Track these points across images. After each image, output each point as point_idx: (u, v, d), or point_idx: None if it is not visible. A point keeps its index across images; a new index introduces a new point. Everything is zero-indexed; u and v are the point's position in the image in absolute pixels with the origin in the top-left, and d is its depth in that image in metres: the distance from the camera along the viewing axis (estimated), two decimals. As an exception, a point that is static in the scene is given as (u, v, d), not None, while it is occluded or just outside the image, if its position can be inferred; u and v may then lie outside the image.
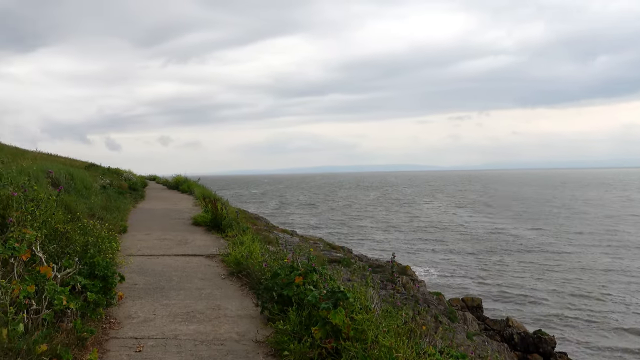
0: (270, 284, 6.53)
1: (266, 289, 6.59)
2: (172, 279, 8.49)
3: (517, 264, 33.57)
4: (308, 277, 6.22)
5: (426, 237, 46.70)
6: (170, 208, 19.40)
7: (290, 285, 6.23)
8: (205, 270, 9.36)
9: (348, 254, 30.02)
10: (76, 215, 9.53)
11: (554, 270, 31.48)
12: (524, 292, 26.93)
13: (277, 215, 64.67)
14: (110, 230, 8.73)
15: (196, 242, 12.07)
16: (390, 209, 76.11)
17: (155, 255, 10.54)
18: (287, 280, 6.34)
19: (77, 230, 7.28)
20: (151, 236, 12.67)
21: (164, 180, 41.49)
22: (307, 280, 6.19)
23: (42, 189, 8.37)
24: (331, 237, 42.73)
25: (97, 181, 21.41)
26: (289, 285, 6.26)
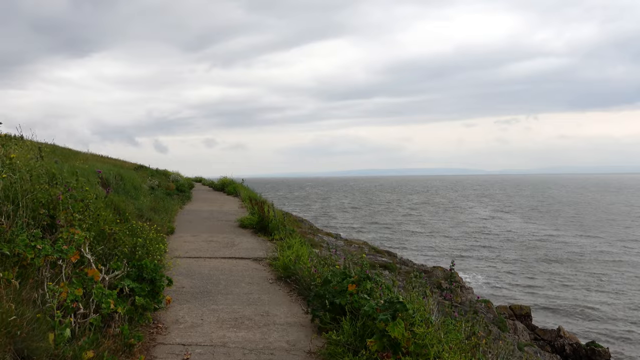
0: (321, 291, 6.24)
1: (317, 296, 6.31)
2: (219, 283, 8.32)
3: (567, 273, 32.27)
4: (362, 285, 5.91)
5: (472, 243, 45.57)
6: (217, 210, 19.41)
7: (342, 293, 5.92)
8: (252, 273, 9.16)
9: (393, 258, 29.52)
10: (125, 216, 9.51)
11: (608, 280, 30.08)
12: (574, 303, 25.79)
13: (320, 218, 64.51)
14: (158, 231, 8.65)
15: (243, 245, 11.92)
16: (434, 213, 74.84)
17: (202, 257, 10.42)
18: (339, 287, 6.04)
19: (125, 232, 7.19)
20: (198, 238, 12.60)
21: (209, 182, 41.92)
22: (361, 288, 5.87)
23: (92, 189, 8.35)
24: (375, 241, 42.20)
25: (145, 182, 21.68)
26: (341, 293, 5.96)
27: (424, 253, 40.26)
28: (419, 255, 38.37)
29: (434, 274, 27.14)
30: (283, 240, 11.63)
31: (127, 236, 7.07)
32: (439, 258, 37.42)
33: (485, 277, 32.26)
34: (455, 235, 50.65)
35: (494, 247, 43.10)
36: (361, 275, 6.02)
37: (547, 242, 44.37)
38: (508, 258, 38.31)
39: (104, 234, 6.71)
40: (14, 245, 4.56)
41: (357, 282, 5.92)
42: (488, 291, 29.00)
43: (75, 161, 16.35)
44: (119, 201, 11.13)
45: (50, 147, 18.92)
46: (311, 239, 17.25)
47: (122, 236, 7.01)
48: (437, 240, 47.85)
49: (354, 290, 5.82)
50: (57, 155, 16.25)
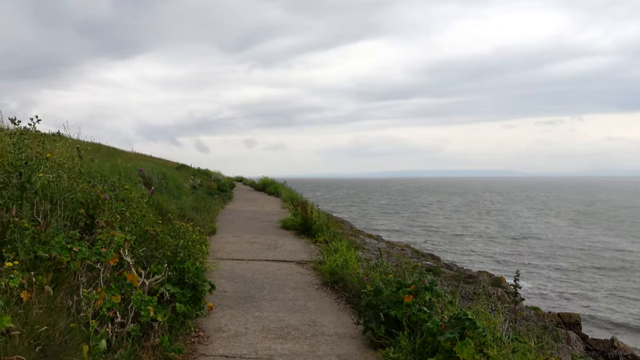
0: (374, 301, 5.75)
1: (369, 307, 5.82)
2: (263, 287, 7.93)
3: (619, 282, 30.73)
4: (419, 296, 5.39)
5: (517, 248, 44.14)
6: (258, 210, 19.12)
7: (398, 305, 5.42)
8: (297, 278, 8.74)
9: (437, 261, 28.73)
10: (167, 216, 9.25)
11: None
12: (627, 314, 24.46)
13: (360, 219, 63.88)
14: (200, 233, 8.33)
15: (286, 247, 11.52)
16: (476, 216, 73.14)
17: (244, 259, 10.07)
18: (394, 298, 5.54)
19: (167, 232, 6.87)
20: (240, 239, 12.28)
21: (250, 181, 41.90)
22: (419, 299, 5.36)
23: (134, 188, 8.09)
24: (416, 243, 41.37)
25: (187, 181, 21.62)
26: (396, 304, 5.45)
27: (467, 257, 39.17)
28: (462, 259, 37.35)
29: (480, 279, 26.25)
30: (327, 243, 11.19)
31: (169, 237, 6.76)
32: (483, 262, 36.36)
33: (531, 283, 31.05)
34: (499, 239, 49.21)
35: (540, 253, 41.64)
36: (419, 285, 5.50)
37: (598, 249, 42.56)
38: (555, 264, 36.89)
39: (145, 235, 6.39)
40: (49, 248, 4.25)
41: (415, 293, 5.41)
42: (535, 298, 27.92)
43: (119, 159, 16.32)
44: (162, 200, 10.91)
45: (95, 145, 19.00)
46: (353, 240, 16.77)
47: (164, 237, 6.69)
48: (480, 243, 46.59)
49: (410, 301, 5.31)
50: (102, 154, 16.27)
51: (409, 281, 5.79)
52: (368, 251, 25.99)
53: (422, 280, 5.58)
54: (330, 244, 10.30)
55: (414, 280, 5.63)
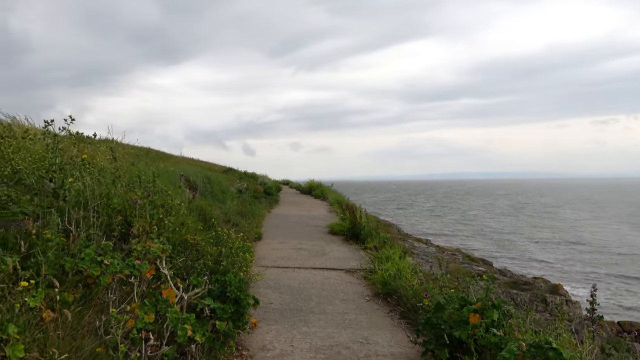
0: (434, 319, 5.15)
1: (429, 325, 5.22)
2: (310, 299, 7.42)
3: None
4: (486, 315, 4.77)
5: (574, 254, 42.24)
6: (305, 214, 18.68)
7: (462, 325, 4.81)
8: (346, 288, 8.20)
9: (489, 267, 27.60)
10: (211, 222, 8.89)
11: None
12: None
13: (406, 222, 62.70)
14: (244, 239, 7.92)
15: (334, 254, 11.00)
16: (527, 219, 70.66)
17: (291, 267, 9.61)
18: (457, 317, 4.93)
19: (209, 240, 6.47)
20: (286, 245, 11.84)
21: (296, 184, 41.66)
22: (486, 319, 4.73)
23: (177, 193, 7.75)
24: (466, 248, 40.07)
25: (234, 185, 21.41)
26: (460, 323, 4.84)
27: (519, 262, 37.69)
28: (515, 265, 35.92)
29: (536, 286, 25.00)
30: (378, 250, 10.62)
31: (210, 246, 6.35)
32: (536, 268, 34.85)
33: (589, 290, 29.45)
34: (552, 243, 47.24)
35: (598, 259, 39.70)
36: (485, 303, 4.87)
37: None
38: (616, 271, 35.05)
39: (185, 244, 6.00)
40: (78, 260, 3.87)
41: (481, 311, 4.79)
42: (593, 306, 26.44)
43: (165, 163, 16.20)
44: (205, 205, 10.58)
45: (144, 150, 19.03)
46: (401, 244, 16.12)
47: (205, 246, 6.29)
48: (532, 248, 44.85)
49: (477, 321, 4.69)
50: (150, 158, 16.18)
51: (473, 297, 5.17)
52: (417, 256, 25.20)
53: (489, 296, 4.94)
54: (381, 250, 9.71)
55: (480, 297, 4.99)
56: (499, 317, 4.70)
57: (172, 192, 6.97)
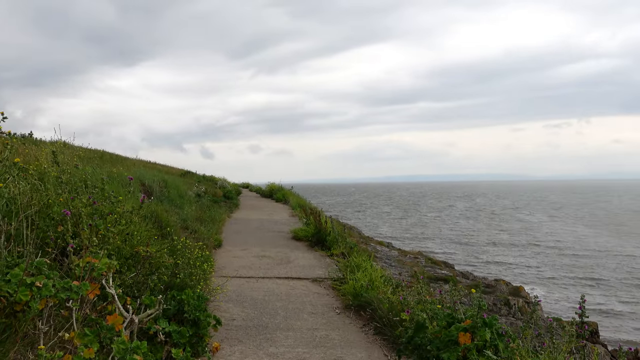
0: (418, 339, 4.66)
1: (411, 345, 4.73)
2: (276, 313, 6.84)
3: (633, 290, 29.50)
4: (477, 334, 4.30)
5: (528, 254, 42.86)
6: (267, 219, 18.03)
7: (451, 346, 4.33)
8: (314, 300, 7.65)
9: (452, 270, 27.54)
10: (166, 230, 8.20)
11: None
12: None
13: (366, 225, 62.53)
14: (203, 248, 7.28)
15: (299, 261, 10.44)
16: (485, 221, 71.74)
17: (254, 277, 9.00)
18: (444, 336, 4.45)
19: (165, 250, 5.81)
20: (249, 252, 11.20)
21: (257, 188, 40.89)
22: (477, 339, 4.27)
23: (128, 199, 7.04)
24: (427, 250, 40.08)
25: (192, 189, 20.56)
26: (448, 344, 4.37)
27: (481, 265, 37.95)
28: (476, 268, 36.08)
29: (498, 289, 25.04)
30: (345, 257, 10.12)
31: (166, 256, 5.70)
32: (498, 271, 35.09)
33: (545, 291, 29.82)
34: (512, 245, 47.85)
35: (556, 260, 40.40)
36: (476, 320, 4.40)
37: (619, 256, 41.27)
38: (572, 271, 35.67)
39: (137, 256, 5.33)
40: (1, 283, 3.19)
41: (472, 330, 4.32)
42: (553, 305, 26.72)
43: (119, 167, 15.30)
44: (161, 211, 9.85)
45: (98, 152, 18.06)
46: (364, 248, 15.68)
47: (160, 258, 5.63)
48: (494, 251, 45.31)
49: (468, 342, 4.22)
50: (104, 161, 15.26)
51: (461, 313, 4.71)
52: (381, 260, 24.84)
53: (480, 313, 4.48)
54: (350, 258, 9.19)
55: (470, 314, 4.53)
56: (491, 337, 4.25)
57: (122, 198, 6.28)
